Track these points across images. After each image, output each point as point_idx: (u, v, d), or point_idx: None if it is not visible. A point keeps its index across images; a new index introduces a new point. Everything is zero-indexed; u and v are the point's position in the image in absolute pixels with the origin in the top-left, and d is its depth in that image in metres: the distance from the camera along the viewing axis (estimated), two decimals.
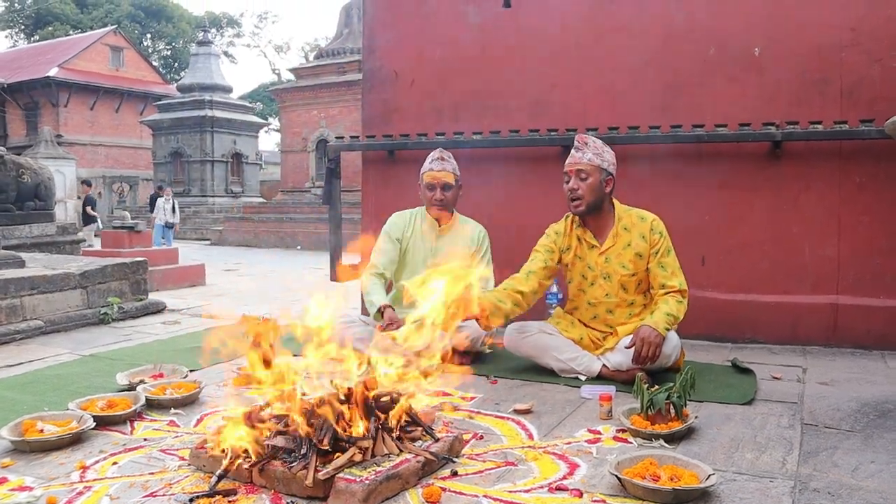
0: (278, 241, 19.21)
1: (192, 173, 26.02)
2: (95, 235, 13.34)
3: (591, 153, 3.23)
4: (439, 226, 3.76)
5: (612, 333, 3.31)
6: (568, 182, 3.26)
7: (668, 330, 3.08)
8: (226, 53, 46.24)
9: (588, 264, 3.33)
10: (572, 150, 3.29)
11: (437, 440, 2.21)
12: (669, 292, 3.19)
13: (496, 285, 3.67)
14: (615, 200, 3.34)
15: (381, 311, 3.49)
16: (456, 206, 3.84)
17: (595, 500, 1.91)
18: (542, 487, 2.01)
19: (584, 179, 3.21)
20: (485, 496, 1.95)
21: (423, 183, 3.73)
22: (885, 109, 3.74)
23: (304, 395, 2.15)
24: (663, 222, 3.31)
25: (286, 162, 22.64)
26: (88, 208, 14.90)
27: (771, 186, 4.15)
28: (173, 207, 15.87)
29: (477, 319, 3.04)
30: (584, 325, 3.40)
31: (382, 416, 2.18)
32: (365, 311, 3.99)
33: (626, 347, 3.09)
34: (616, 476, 1.96)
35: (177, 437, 2.50)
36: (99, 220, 14.74)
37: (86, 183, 16.32)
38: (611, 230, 3.30)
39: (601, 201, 3.26)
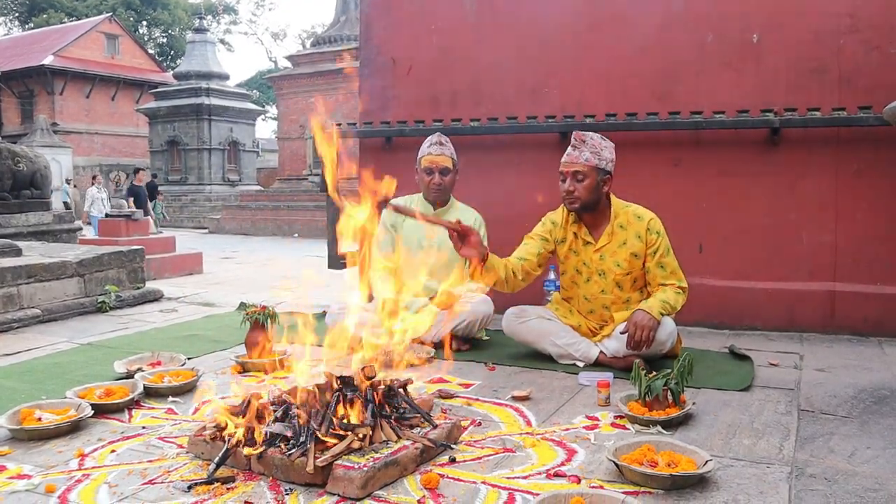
0: (276, 229, 19.19)
1: (188, 161, 25.95)
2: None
3: (589, 152, 3.11)
4: (435, 210, 3.76)
5: (609, 322, 3.30)
6: (564, 182, 3.15)
7: (662, 315, 3.06)
8: (222, 41, 46.02)
9: (583, 260, 3.28)
10: (569, 148, 3.17)
11: (435, 427, 2.21)
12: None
13: None
14: (612, 196, 3.26)
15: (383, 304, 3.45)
16: (453, 192, 3.83)
17: (593, 486, 1.92)
18: (540, 474, 2.02)
19: (581, 181, 3.11)
20: (483, 482, 1.96)
21: (420, 167, 3.73)
22: (884, 96, 3.72)
23: (302, 382, 2.15)
24: (660, 214, 3.25)
25: (283, 149, 22.56)
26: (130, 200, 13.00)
27: (769, 173, 4.15)
28: (109, 197, 15.63)
29: (472, 262, 2.91)
30: (582, 315, 3.39)
31: (381, 402, 2.18)
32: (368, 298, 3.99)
33: (621, 333, 3.09)
34: (614, 462, 1.97)
35: (175, 424, 2.51)
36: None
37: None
38: (606, 227, 3.22)
39: (598, 200, 3.18)
